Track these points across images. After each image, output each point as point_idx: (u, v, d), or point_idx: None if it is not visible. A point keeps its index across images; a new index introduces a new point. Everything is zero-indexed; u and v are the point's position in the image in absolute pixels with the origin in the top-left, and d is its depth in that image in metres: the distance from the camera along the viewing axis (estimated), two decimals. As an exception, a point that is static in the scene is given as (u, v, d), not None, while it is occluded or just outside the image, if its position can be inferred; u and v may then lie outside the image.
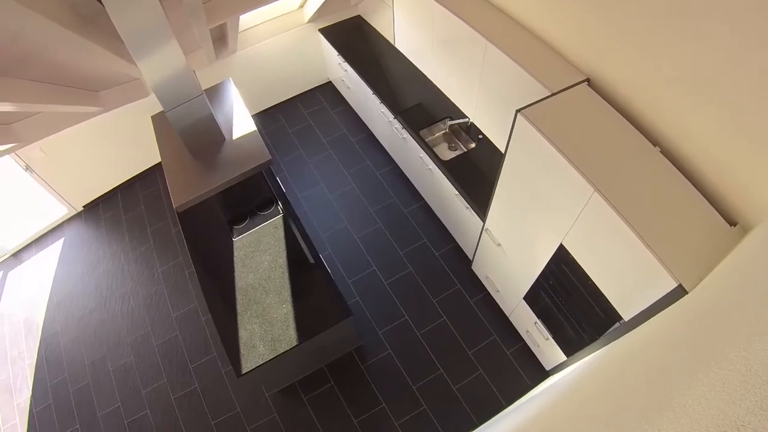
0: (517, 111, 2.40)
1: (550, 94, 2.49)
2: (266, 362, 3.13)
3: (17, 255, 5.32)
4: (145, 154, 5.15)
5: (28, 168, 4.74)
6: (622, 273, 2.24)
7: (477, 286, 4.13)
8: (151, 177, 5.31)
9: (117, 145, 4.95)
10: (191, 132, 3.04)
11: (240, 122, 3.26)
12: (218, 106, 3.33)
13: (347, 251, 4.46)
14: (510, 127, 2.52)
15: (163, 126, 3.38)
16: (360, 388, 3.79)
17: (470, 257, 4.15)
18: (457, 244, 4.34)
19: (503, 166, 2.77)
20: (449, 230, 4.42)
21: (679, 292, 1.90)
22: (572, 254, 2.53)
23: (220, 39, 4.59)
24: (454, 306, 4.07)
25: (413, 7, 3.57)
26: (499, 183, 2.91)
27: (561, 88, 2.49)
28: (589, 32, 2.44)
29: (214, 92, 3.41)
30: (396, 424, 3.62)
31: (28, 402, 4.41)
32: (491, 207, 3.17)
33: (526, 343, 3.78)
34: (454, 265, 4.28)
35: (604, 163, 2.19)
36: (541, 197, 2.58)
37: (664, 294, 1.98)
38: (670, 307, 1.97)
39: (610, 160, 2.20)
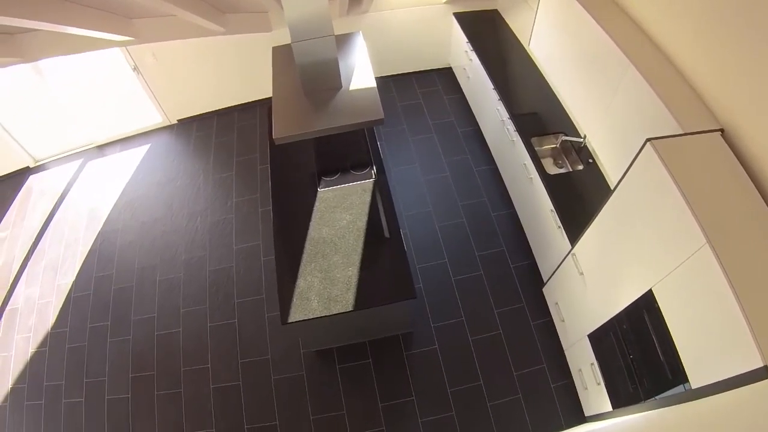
0: (648, 140, 2.50)
1: (681, 133, 2.57)
2: (315, 318, 3.37)
3: (102, 148, 5.91)
4: (250, 87, 5.58)
5: (136, 69, 5.25)
6: (706, 336, 2.28)
7: (542, 309, 4.25)
8: (250, 111, 5.74)
9: (226, 71, 5.38)
10: (311, 70, 3.32)
11: (360, 75, 3.50)
12: (343, 54, 3.60)
13: (424, 236, 4.68)
14: (630, 157, 2.62)
15: (283, 59, 3.70)
16: (396, 373, 4.02)
17: (544, 278, 4.27)
18: (535, 261, 4.47)
19: (613, 194, 2.87)
20: (531, 245, 4.55)
21: (762, 374, 1.93)
22: (658, 303, 2.59)
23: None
24: (514, 322, 4.21)
25: (560, 13, 3.69)
26: (602, 211, 3.02)
27: (694, 130, 2.56)
28: (735, 84, 2.50)
29: (343, 40, 3.69)
30: (419, 421, 3.82)
31: (69, 286, 5.01)
32: (586, 233, 3.28)
33: (573, 382, 3.88)
34: (526, 281, 4.42)
35: (721, 218, 2.24)
36: (644, 236, 2.66)
37: (745, 371, 2.02)
38: (748, 385, 2.00)
39: (727, 218, 2.25)
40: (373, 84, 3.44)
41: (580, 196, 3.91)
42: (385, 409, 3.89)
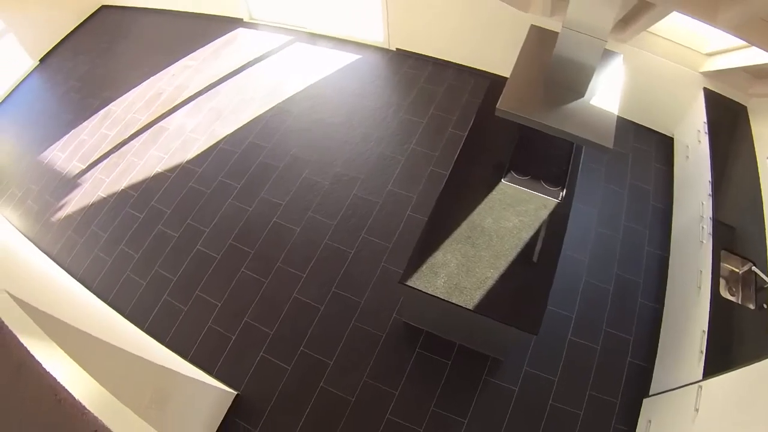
0: None
1: None
2: (432, 295, 3.45)
3: (315, 37, 6.48)
4: (479, 54, 5.82)
5: None
6: None
7: (632, 417, 4.07)
8: (467, 75, 5.97)
9: (466, 28, 5.63)
10: (565, 64, 3.41)
11: (605, 96, 3.54)
12: (599, 67, 3.68)
13: (565, 281, 4.66)
14: None
15: (538, 40, 3.83)
16: (464, 389, 4.04)
17: (651, 390, 4.10)
18: (653, 368, 4.31)
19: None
20: (659, 351, 4.38)
21: None
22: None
23: (627, 19, 4.91)
24: (598, 413, 4.08)
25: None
26: (759, 365, 2.88)
27: None
28: None
29: (603, 54, 3.76)
30: (462, 442, 3.84)
31: (223, 136, 5.59)
32: (727, 374, 3.13)
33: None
34: (632, 382, 4.26)
35: None
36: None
37: None
38: None
39: None
40: (615, 111, 3.48)
41: (738, 334, 3.71)
42: (434, 414, 3.93)
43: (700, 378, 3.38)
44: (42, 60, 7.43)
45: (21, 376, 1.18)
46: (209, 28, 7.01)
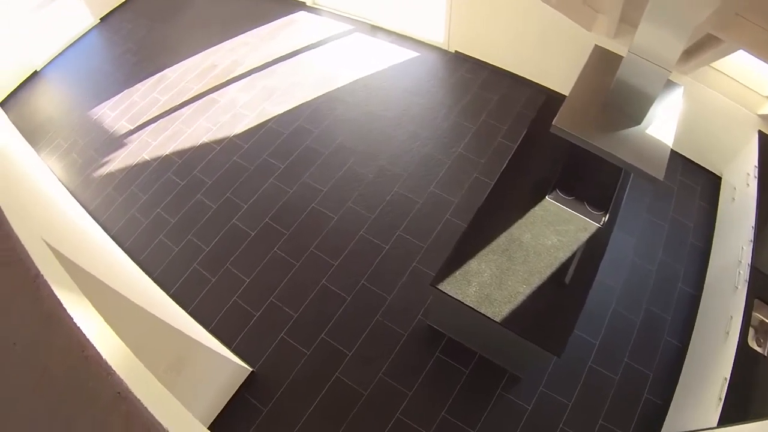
0: None
1: None
2: (461, 302, 3.49)
3: (375, 30, 6.60)
4: (538, 67, 5.84)
5: None
6: None
7: None
8: (523, 86, 6.00)
9: (529, 39, 5.65)
10: (626, 89, 3.42)
11: (662, 127, 3.56)
12: (659, 96, 3.67)
13: (593, 307, 4.67)
14: None
15: (600, 61, 3.85)
16: (478, 401, 4.08)
17: (662, 429, 4.10)
18: (668, 407, 4.29)
19: None
20: (677, 391, 4.34)
21: None
22: None
23: (691, 51, 4.87)
24: None
25: None
26: None
27: None
28: None
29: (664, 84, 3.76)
30: (465, 457, 3.88)
31: (272, 116, 5.78)
32: (742, 426, 3.12)
33: None
34: (646, 419, 4.24)
35: None
36: None
37: None
38: None
39: None
40: (670, 143, 3.48)
41: (763, 386, 3.69)
42: (443, 419, 3.97)
43: (715, 425, 3.37)
44: (102, 19, 7.65)
45: (50, 326, 1.18)
46: (272, 8, 7.15)
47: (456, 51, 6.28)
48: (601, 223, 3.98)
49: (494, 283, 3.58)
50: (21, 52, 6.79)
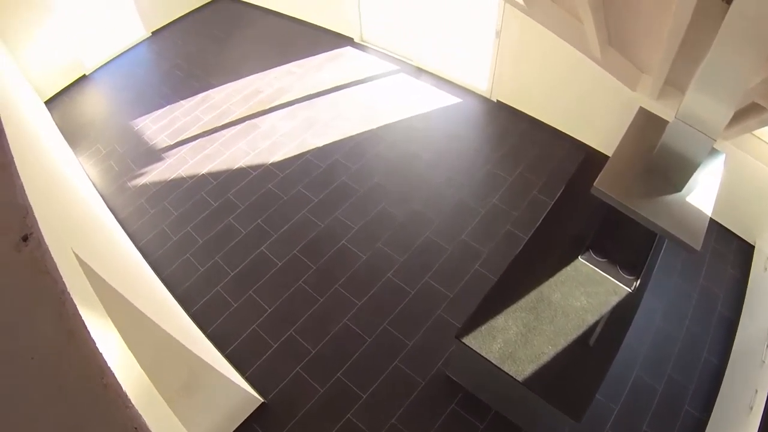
0: None
1: None
2: (484, 358, 3.53)
3: (419, 71, 6.89)
4: (577, 121, 5.93)
5: (498, 34, 5.82)
6: None
7: None
8: (561, 142, 6.07)
9: (568, 94, 5.76)
10: (669, 155, 3.47)
11: (701, 196, 3.61)
12: (702, 164, 3.71)
13: (614, 368, 4.60)
14: None
15: (644, 123, 3.92)
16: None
17: None
18: None
19: None
20: None
21: None
22: None
23: (735, 118, 4.87)
24: None
25: None
26: None
27: None
28: None
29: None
30: None
31: (310, 148, 5.96)
32: None
33: None
34: None
35: None
36: None
37: None
38: None
39: None
40: (709, 212, 3.52)
41: None
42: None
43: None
44: (154, 33, 7.95)
45: (71, 346, 1.13)
46: (320, 40, 7.38)
47: (498, 100, 6.40)
48: (633, 288, 4.00)
49: (519, 340, 3.61)
50: (73, 54, 7.08)
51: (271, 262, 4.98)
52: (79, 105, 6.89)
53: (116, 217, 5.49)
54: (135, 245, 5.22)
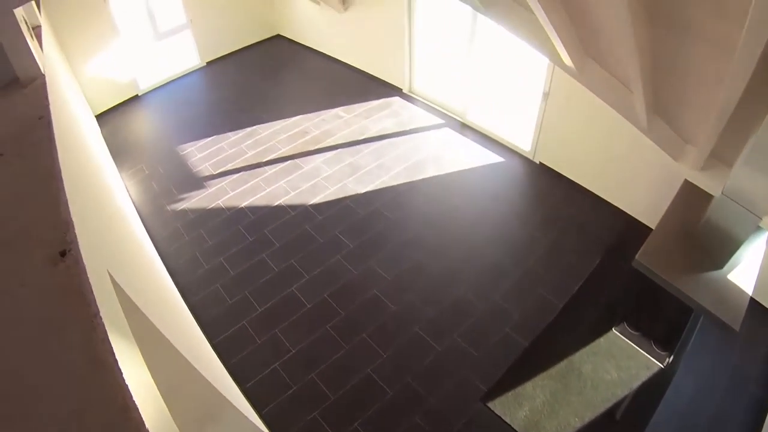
0: None
1: None
2: (509, 425, 3.50)
3: (465, 127, 7.03)
4: (621, 193, 5.93)
5: (545, 96, 5.97)
6: None
7: None
8: (600, 208, 6.07)
9: (615, 164, 5.79)
10: (713, 231, 3.49)
11: (742, 274, 3.61)
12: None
13: None
14: None
15: (689, 196, 3.99)
16: None
17: None
18: None
19: None
20: None
21: None
22: None
23: None
24: None
25: None
26: None
27: None
28: None
29: None
30: None
31: (351, 194, 6.07)
32: None
33: None
34: None
35: None
36: None
37: None
38: None
39: None
40: (750, 292, 3.52)
41: None
42: None
43: None
44: (209, 63, 8.24)
45: (97, 373, 1.11)
46: (369, 87, 7.61)
47: (540, 162, 6.48)
48: (665, 364, 3.95)
49: (546, 410, 3.59)
50: (129, 74, 7.38)
51: (300, 303, 5.04)
52: (129, 123, 7.16)
53: (152, 237, 5.62)
54: (166, 267, 5.32)
